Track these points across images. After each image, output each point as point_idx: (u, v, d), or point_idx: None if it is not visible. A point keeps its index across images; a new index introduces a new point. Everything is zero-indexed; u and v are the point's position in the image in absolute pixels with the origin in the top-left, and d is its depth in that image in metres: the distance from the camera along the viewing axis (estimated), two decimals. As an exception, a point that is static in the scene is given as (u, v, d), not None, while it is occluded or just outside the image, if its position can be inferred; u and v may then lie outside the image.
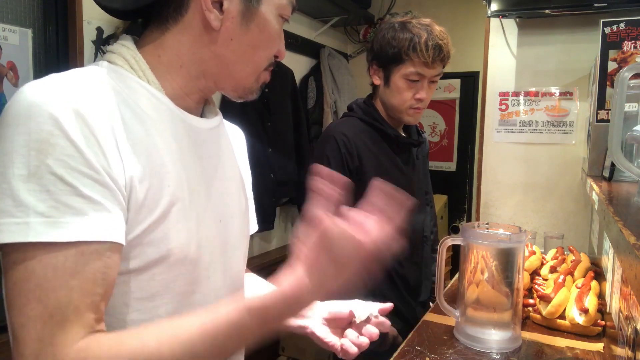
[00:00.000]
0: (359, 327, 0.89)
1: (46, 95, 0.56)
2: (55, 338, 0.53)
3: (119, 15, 0.72)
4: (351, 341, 0.86)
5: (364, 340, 0.86)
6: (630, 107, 1.07)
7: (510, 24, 2.13)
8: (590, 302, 1.22)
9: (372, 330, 0.88)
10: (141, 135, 0.63)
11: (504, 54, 2.15)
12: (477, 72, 3.11)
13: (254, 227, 0.96)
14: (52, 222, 0.53)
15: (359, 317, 0.87)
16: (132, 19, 0.74)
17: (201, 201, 0.70)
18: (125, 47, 0.68)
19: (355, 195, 1.49)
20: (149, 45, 0.69)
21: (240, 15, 0.68)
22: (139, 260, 0.62)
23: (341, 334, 0.89)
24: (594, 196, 1.01)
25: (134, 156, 0.61)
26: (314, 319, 0.90)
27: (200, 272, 0.69)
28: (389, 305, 0.91)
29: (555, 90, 2.08)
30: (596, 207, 0.96)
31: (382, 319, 0.90)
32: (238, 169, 0.85)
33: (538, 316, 1.27)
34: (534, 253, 1.64)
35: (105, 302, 0.59)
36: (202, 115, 0.78)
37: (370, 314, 0.89)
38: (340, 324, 0.90)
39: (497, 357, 1.07)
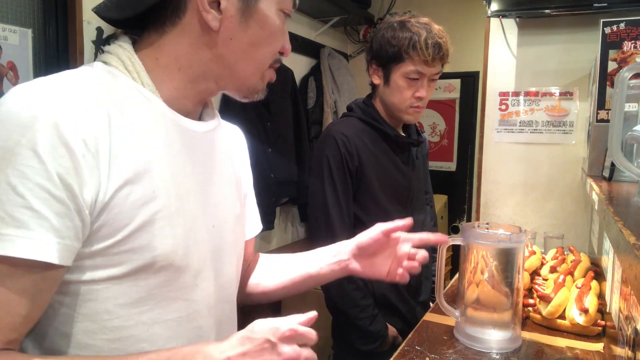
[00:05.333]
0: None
1: (25, 103, 0.55)
2: None
3: (119, 24, 0.71)
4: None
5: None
6: (630, 107, 1.07)
7: (510, 24, 2.12)
8: (590, 302, 1.21)
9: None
10: (129, 141, 0.61)
11: (504, 54, 2.15)
12: (477, 72, 3.11)
13: (257, 228, 0.95)
14: None
15: None
16: (132, 27, 0.72)
17: (191, 207, 0.68)
18: (122, 48, 0.67)
19: (355, 196, 1.49)
20: (147, 48, 0.68)
21: (239, 13, 0.66)
22: (121, 267, 0.61)
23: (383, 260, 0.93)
24: (594, 196, 1.01)
25: (118, 164, 0.59)
26: (349, 259, 0.92)
27: (187, 279, 0.68)
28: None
29: (555, 90, 2.08)
30: (596, 207, 0.96)
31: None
32: (234, 172, 0.83)
33: (538, 316, 1.27)
34: (534, 253, 1.64)
35: (28, 324, 0.57)
36: (200, 118, 0.77)
37: None
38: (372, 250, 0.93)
39: (497, 357, 1.07)
